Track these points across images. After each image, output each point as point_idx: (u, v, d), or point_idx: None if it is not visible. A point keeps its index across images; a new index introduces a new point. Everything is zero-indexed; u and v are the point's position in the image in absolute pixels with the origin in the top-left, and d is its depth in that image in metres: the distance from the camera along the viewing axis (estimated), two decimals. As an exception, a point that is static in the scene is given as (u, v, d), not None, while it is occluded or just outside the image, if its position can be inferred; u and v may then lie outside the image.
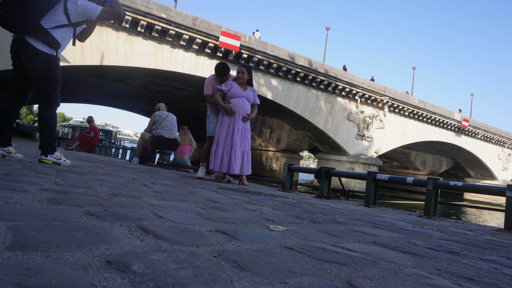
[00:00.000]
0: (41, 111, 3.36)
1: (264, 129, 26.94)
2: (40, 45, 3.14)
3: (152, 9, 14.03)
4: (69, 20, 3.25)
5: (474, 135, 29.50)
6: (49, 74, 3.20)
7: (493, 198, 26.98)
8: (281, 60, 17.85)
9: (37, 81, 3.26)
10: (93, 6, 3.31)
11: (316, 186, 5.48)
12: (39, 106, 3.37)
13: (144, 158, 7.01)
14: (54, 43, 3.18)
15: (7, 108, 3.38)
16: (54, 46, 3.19)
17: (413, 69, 31.66)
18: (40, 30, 3.12)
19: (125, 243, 1.06)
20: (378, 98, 22.14)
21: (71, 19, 3.25)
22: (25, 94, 3.44)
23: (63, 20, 3.22)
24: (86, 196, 1.81)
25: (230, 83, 4.61)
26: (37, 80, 3.26)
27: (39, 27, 3.12)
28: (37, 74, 3.22)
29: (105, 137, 37.32)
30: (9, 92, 3.43)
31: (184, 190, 2.85)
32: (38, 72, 3.21)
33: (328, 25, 24.93)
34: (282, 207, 2.55)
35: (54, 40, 3.18)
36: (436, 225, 2.73)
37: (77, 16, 3.28)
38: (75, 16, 3.26)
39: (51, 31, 3.17)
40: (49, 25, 3.17)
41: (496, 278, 1.23)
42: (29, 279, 0.69)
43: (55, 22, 3.19)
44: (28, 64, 3.20)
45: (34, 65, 3.19)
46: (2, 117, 3.39)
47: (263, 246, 1.28)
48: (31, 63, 3.19)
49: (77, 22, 3.31)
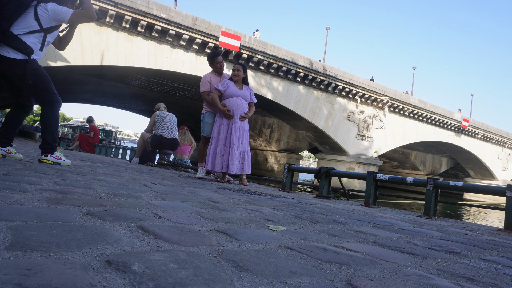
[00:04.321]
0: (42, 112, 3.38)
1: (264, 129, 26.94)
2: (12, 53, 3.09)
3: (152, 9, 14.02)
4: (41, 25, 3.20)
5: (474, 135, 29.49)
6: (25, 80, 3.14)
7: (493, 198, 26.97)
8: (281, 60, 17.84)
9: (28, 87, 3.24)
10: (64, 9, 3.26)
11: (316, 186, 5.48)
12: (41, 107, 3.39)
13: (144, 158, 7.01)
14: (25, 49, 3.11)
15: (12, 114, 3.47)
16: (26, 51, 3.12)
17: (413, 69, 31.68)
18: (10, 37, 3.07)
19: (125, 243, 1.06)
20: (378, 98, 22.13)
21: (42, 25, 3.20)
22: (25, 101, 3.46)
23: (35, 26, 3.17)
24: (86, 196, 1.81)
25: (227, 82, 4.61)
26: (26, 87, 3.24)
27: (8, 34, 3.06)
28: (22, 81, 3.18)
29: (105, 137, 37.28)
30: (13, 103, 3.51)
31: (184, 190, 2.85)
32: (21, 79, 3.17)
33: (328, 25, 24.96)
34: (282, 207, 2.55)
35: (26, 46, 3.11)
36: (436, 225, 2.72)
37: (48, 21, 3.23)
38: (46, 21, 3.21)
39: (23, 37, 3.12)
40: (20, 31, 3.12)
41: (496, 278, 1.23)
42: (29, 279, 0.69)
43: (26, 28, 3.14)
44: (10, 74, 3.19)
45: (15, 74, 3.16)
46: (7, 120, 3.47)
47: (263, 246, 1.28)
48: (11, 73, 3.17)
49: (49, 27, 3.26)
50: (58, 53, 12.57)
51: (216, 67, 4.92)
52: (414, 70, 31.62)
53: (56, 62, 12.65)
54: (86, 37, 13.22)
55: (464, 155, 30.95)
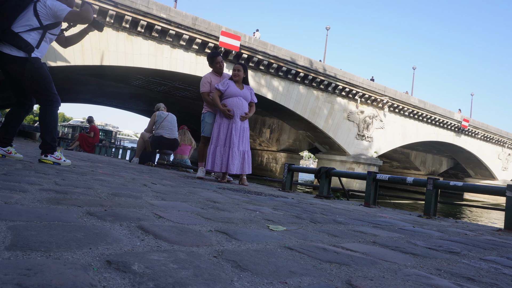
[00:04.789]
0: (41, 111, 3.38)
1: (264, 129, 26.94)
2: (14, 51, 3.11)
3: (152, 9, 14.03)
4: (40, 22, 3.20)
5: (474, 135, 29.49)
6: (26, 77, 3.16)
7: (493, 198, 26.97)
8: (281, 60, 17.83)
9: (28, 85, 3.25)
10: (62, 6, 3.27)
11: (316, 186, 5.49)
12: (39, 107, 3.39)
13: (144, 158, 7.01)
14: (26, 46, 3.13)
15: (12, 114, 3.48)
16: (26, 49, 3.13)
17: (413, 69, 31.68)
18: (10, 35, 3.08)
19: (125, 243, 1.06)
20: (378, 98, 22.13)
21: (42, 21, 3.21)
22: (26, 100, 3.47)
23: (35, 23, 3.18)
24: (86, 196, 1.81)
25: (227, 82, 4.61)
26: (27, 85, 3.25)
27: (9, 32, 3.08)
28: (22, 79, 3.20)
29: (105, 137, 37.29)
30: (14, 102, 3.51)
31: (184, 190, 2.85)
32: (22, 76, 3.18)
33: (328, 25, 24.97)
34: (282, 207, 2.55)
35: (26, 43, 3.13)
36: (436, 225, 2.73)
37: (48, 17, 3.23)
38: (45, 17, 3.22)
39: (23, 35, 3.13)
40: (21, 29, 3.13)
41: (496, 278, 1.23)
42: (29, 279, 0.69)
43: (26, 25, 3.15)
44: (12, 72, 3.20)
45: (17, 72, 3.17)
46: (7, 120, 3.48)
47: (263, 246, 1.28)
48: (13, 71, 3.18)
49: (49, 24, 3.26)
50: (58, 53, 12.57)
51: (216, 67, 4.93)
52: (414, 70, 31.63)
53: (56, 62, 12.65)
54: (86, 37, 13.18)
55: (464, 155, 30.95)
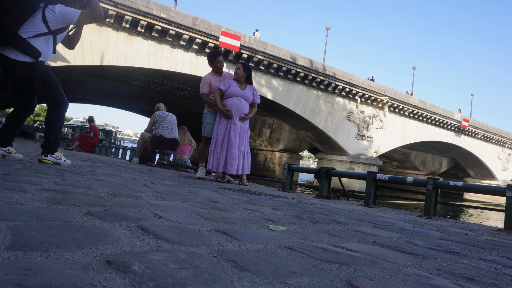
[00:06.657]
0: (48, 112, 3.42)
1: (264, 129, 26.94)
2: (20, 56, 3.11)
3: (152, 9, 14.03)
4: (48, 28, 3.20)
5: (474, 135, 29.49)
6: (34, 82, 3.16)
7: (493, 198, 26.97)
8: (281, 60, 17.84)
9: (36, 89, 3.26)
10: (72, 11, 3.27)
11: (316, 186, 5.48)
12: (47, 107, 3.42)
13: (144, 158, 7.01)
14: (33, 52, 3.13)
15: (13, 115, 3.49)
16: (33, 55, 3.14)
17: (413, 69, 31.68)
18: (18, 40, 3.08)
19: (125, 243, 1.06)
20: (378, 98, 22.13)
21: (50, 27, 3.21)
22: (29, 102, 3.49)
23: (43, 29, 3.18)
24: (86, 196, 1.81)
25: (229, 82, 4.61)
26: (37, 90, 3.27)
27: (16, 37, 3.07)
28: (30, 84, 3.20)
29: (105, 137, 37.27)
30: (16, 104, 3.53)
31: (184, 190, 2.85)
32: (30, 82, 3.19)
33: (328, 25, 24.96)
34: (282, 207, 2.55)
35: (33, 49, 3.13)
36: (436, 225, 2.72)
37: (56, 23, 3.24)
38: (54, 23, 3.22)
39: (31, 40, 3.13)
40: (28, 34, 3.13)
41: (496, 278, 1.23)
42: (29, 279, 0.69)
43: (34, 31, 3.15)
44: (18, 77, 3.20)
45: (24, 77, 3.18)
46: (8, 120, 3.49)
47: (263, 246, 1.28)
48: (20, 76, 3.19)
49: (57, 29, 3.27)
50: (58, 53, 12.56)
51: (216, 67, 4.93)
52: (414, 70, 31.64)
53: (56, 62, 12.64)
54: (86, 37, 13.21)
55: (464, 155, 30.95)
